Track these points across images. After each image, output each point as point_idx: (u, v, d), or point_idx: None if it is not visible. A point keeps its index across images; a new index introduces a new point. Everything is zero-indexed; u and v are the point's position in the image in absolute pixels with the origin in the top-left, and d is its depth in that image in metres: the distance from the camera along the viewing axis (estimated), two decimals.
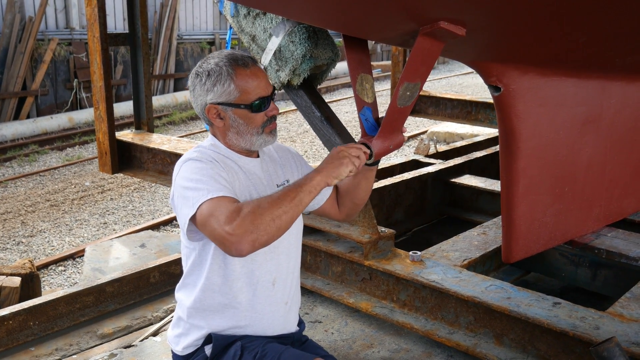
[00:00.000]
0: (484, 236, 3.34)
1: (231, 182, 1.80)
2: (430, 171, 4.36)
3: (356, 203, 2.15)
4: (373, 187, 3.93)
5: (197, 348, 1.91)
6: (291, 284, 2.00)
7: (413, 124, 12.28)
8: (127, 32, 4.34)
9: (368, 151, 1.90)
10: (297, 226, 2.03)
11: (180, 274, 2.01)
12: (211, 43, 16.16)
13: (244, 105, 1.83)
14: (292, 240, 1.99)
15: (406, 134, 2.17)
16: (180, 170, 1.81)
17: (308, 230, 3.23)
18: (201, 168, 1.76)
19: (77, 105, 12.71)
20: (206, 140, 1.95)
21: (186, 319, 1.92)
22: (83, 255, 5.48)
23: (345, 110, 13.77)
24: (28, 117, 11.81)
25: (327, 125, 3.02)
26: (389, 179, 4.18)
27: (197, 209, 1.68)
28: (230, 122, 1.85)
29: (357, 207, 2.18)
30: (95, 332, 3.08)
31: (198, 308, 1.90)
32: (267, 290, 1.91)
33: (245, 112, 1.84)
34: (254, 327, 1.91)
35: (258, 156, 1.96)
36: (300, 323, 2.11)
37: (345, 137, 3.01)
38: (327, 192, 2.13)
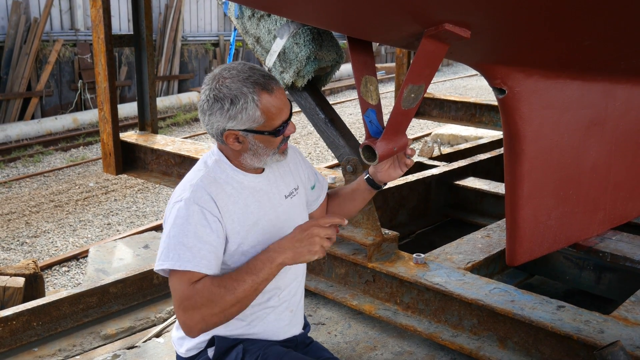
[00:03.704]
0: (487, 239, 3.33)
1: (221, 226, 1.75)
2: (434, 173, 4.36)
3: (345, 216, 2.18)
4: None
5: (200, 350, 1.91)
6: (296, 291, 2.00)
7: (417, 126, 12.28)
8: (132, 33, 4.35)
9: (338, 228, 1.78)
10: None
11: None
12: (215, 44, 16.19)
13: (267, 132, 1.76)
14: None
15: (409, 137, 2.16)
16: (172, 210, 1.75)
17: None
18: (186, 219, 1.70)
19: (81, 106, 12.75)
20: (211, 154, 1.89)
21: None
22: (87, 256, 5.49)
23: (350, 112, 13.78)
24: (33, 117, 11.85)
25: (331, 127, 3.02)
26: (392, 181, 4.17)
27: (170, 267, 1.70)
28: (249, 145, 1.79)
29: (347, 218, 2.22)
30: (98, 332, 3.09)
31: None
32: (274, 299, 1.91)
33: (267, 137, 1.78)
34: (259, 335, 1.91)
35: (263, 170, 1.91)
36: (306, 325, 2.11)
37: (349, 138, 3.01)
38: (320, 199, 2.14)
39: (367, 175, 2.12)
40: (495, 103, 4.35)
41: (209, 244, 1.71)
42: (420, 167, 4.75)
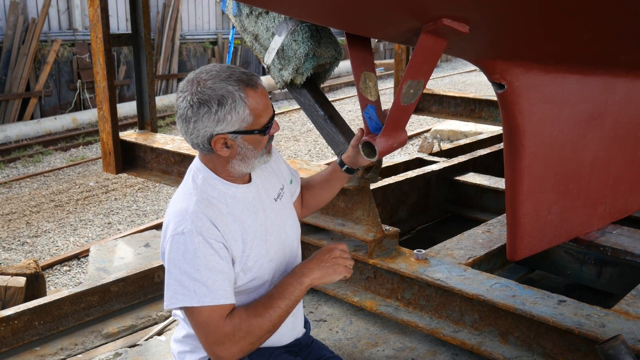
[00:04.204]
0: (488, 234, 3.33)
1: (228, 252, 1.70)
2: (434, 169, 4.36)
3: (319, 205, 2.22)
4: (377, 186, 3.94)
5: None
6: None
7: (416, 122, 12.27)
8: (130, 32, 4.34)
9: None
10: (296, 237, 1.99)
11: None
12: (214, 43, 16.17)
13: (257, 130, 1.69)
14: (293, 252, 1.96)
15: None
16: (173, 244, 1.66)
17: (312, 229, 3.23)
18: (194, 252, 1.63)
19: (80, 105, 12.74)
20: (197, 170, 1.79)
21: (194, 337, 1.84)
22: (87, 255, 5.49)
23: (349, 109, 13.77)
24: (32, 118, 11.85)
25: (331, 124, 3.02)
26: (392, 177, 4.17)
27: (185, 308, 1.65)
28: (237, 149, 1.71)
29: (318, 209, 2.24)
30: (100, 331, 3.09)
31: None
32: None
33: (256, 137, 1.71)
34: (264, 344, 1.89)
35: (250, 179, 1.85)
36: (306, 323, 2.10)
37: (349, 135, 3.01)
38: (297, 192, 2.13)
39: (345, 166, 2.14)
40: (495, 98, 4.35)
41: (222, 272, 1.66)
42: (420, 163, 4.75)
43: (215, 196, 1.74)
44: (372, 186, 3.68)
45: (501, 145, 4.84)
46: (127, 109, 12.42)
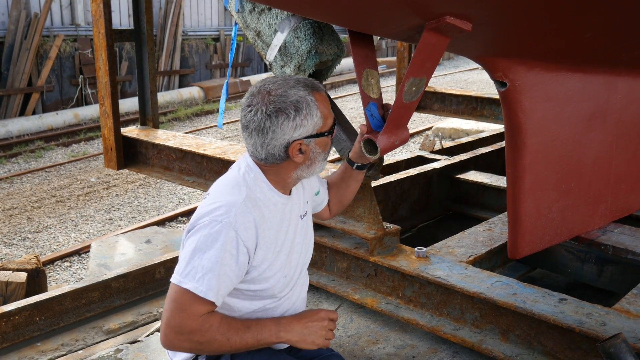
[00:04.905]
0: (489, 232, 3.33)
1: (247, 260, 1.69)
2: (436, 167, 4.35)
3: (344, 203, 2.23)
4: (379, 183, 3.94)
5: (193, 357, 1.87)
6: (302, 304, 1.99)
7: (418, 120, 12.27)
8: (132, 28, 4.34)
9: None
10: (309, 256, 2.00)
11: None
12: (216, 39, 16.16)
13: (327, 132, 1.73)
14: (303, 272, 1.97)
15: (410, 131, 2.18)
16: (210, 230, 1.64)
17: (313, 227, 3.22)
18: (223, 244, 1.62)
19: (82, 101, 12.75)
20: (248, 169, 1.78)
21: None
22: (89, 251, 5.50)
23: (351, 106, 13.76)
24: (34, 113, 11.85)
25: None
26: (394, 175, 4.17)
27: (177, 284, 1.63)
28: (309, 154, 1.73)
29: (344, 207, 2.25)
30: (101, 327, 3.09)
31: None
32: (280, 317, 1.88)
33: (325, 139, 1.75)
34: None
35: (290, 192, 1.86)
36: None
37: (351, 133, 3.01)
38: (325, 201, 2.16)
39: (355, 164, 2.14)
40: (497, 96, 4.35)
41: (227, 275, 1.66)
42: (421, 160, 4.75)
43: (261, 199, 1.75)
44: (374, 184, 3.68)
45: (503, 144, 4.83)
46: (128, 105, 12.42)
